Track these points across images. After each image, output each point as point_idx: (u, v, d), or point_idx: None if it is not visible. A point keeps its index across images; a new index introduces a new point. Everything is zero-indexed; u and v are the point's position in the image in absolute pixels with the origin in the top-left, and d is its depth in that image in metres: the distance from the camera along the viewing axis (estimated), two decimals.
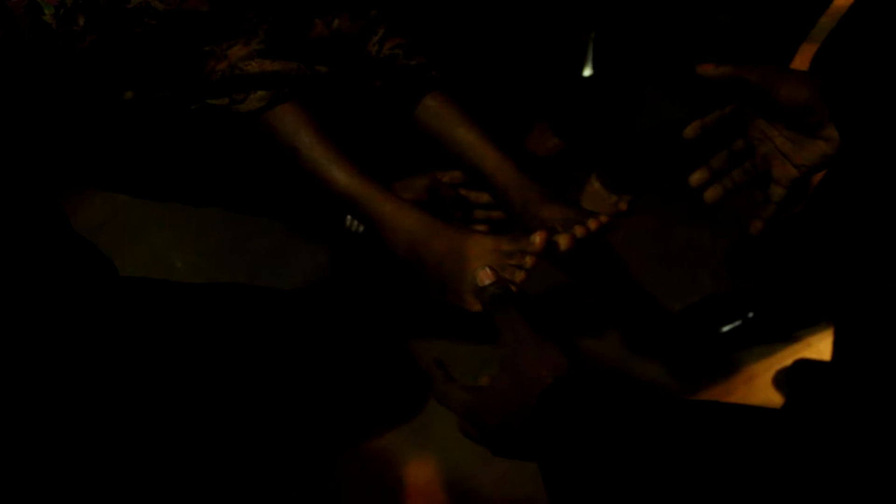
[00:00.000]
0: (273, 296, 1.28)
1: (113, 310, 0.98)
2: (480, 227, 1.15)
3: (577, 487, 0.61)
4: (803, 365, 1.37)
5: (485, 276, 0.85)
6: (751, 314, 1.41)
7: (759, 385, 1.41)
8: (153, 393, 1.08)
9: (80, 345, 0.90)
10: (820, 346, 1.43)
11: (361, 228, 1.21)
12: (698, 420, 0.59)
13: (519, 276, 0.89)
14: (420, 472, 1.29)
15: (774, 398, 1.39)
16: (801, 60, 1.16)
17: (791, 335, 1.45)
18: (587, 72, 1.63)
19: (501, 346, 0.76)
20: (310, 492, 1.26)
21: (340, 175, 0.99)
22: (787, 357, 1.42)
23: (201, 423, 1.21)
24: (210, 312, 1.18)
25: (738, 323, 1.42)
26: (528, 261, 0.89)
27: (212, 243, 1.55)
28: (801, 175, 0.90)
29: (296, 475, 1.27)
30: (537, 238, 0.89)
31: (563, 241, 0.93)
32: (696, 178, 0.96)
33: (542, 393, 0.69)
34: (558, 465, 0.64)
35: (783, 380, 1.40)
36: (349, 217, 1.22)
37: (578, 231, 0.95)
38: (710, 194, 0.96)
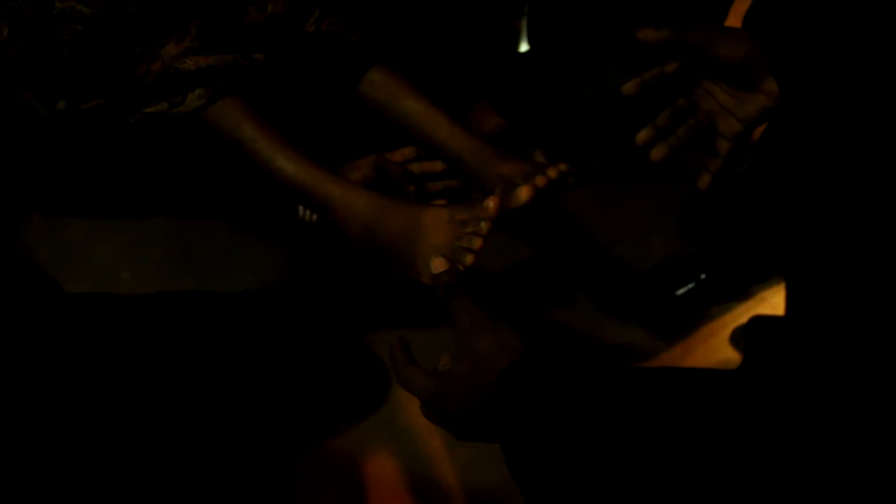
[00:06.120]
0: (220, 299, 1.27)
1: (59, 328, 0.96)
2: (440, 201, 1.14)
3: (538, 466, 0.63)
4: (759, 321, 1.40)
5: (438, 265, 0.85)
6: (703, 275, 1.43)
7: (717, 344, 1.43)
8: (108, 408, 1.06)
9: (28, 366, 0.89)
10: (773, 301, 1.46)
11: (315, 218, 1.20)
12: (651, 390, 0.60)
13: (476, 242, 0.89)
14: (385, 464, 1.28)
15: (733, 356, 1.41)
16: (735, 13, 1.18)
17: (745, 292, 1.47)
18: (523, 47, 1.63)
19: (458, 332, 0.77)
20: (274, 490, 1.24)
21: (287, 164, 0.98)
22: (742, 314, 1.45)
23: (159, 431, 1.19)
24: (157, 322, 1.17)
25: (691, 285, 1.43)
26: (484, 226, 0.90)
27: (156, 253, 1.51)
28: (745, 128, 0.94)
29: (259, 474, 1.25)
30: (490, 203, 0.90)
31: (524, 192, 0.94)
32: (642, 136, 0.97)
33: (498, 376, 0.70)
34: (519, 446, 0.66)
35: (740, 337, 1.43)
36: (301, 208, 1.21)
37: (539, 181, 0.95)
38: (657, 153, 0.97)
